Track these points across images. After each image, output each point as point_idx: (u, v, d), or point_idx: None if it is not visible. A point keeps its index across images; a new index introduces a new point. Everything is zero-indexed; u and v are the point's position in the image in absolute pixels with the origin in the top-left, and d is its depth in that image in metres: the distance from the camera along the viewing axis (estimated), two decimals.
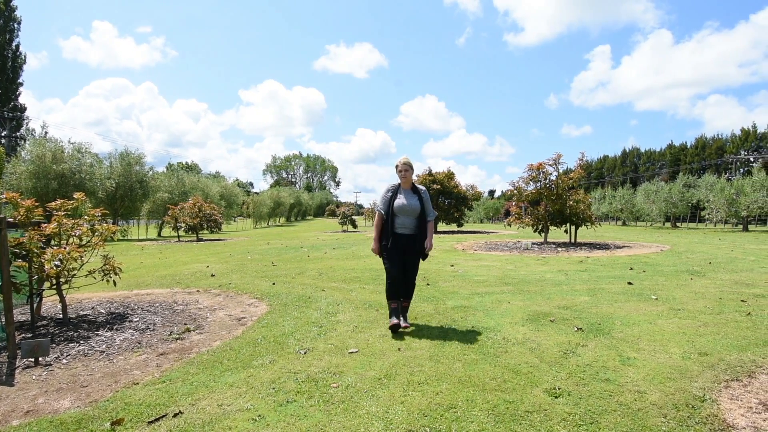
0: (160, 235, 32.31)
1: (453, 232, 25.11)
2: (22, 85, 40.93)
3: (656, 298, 5.72)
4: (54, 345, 4.12)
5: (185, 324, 4.84)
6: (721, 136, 62.14)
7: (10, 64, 39.78)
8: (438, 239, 17.91)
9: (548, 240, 15.06)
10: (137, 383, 3.23)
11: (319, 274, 8.32)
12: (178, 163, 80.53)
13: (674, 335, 4.12)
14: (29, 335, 4.40)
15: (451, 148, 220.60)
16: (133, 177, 27.37)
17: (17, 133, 39.64)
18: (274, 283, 7.34)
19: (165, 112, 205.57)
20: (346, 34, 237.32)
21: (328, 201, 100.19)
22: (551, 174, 14.41)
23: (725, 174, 41.44)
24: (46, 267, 4.56)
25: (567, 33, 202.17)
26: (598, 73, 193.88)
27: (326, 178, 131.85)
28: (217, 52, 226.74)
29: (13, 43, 40.01)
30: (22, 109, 40.85)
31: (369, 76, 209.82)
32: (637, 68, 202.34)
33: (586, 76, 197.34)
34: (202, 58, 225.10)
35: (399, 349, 3.84)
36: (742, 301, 5.49)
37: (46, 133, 34.19)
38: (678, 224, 40.67)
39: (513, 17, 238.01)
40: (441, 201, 25.33)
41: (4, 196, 4.75)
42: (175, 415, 2.71)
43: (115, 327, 4.74)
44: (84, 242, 5.15)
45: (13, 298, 3.95)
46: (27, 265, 4.44)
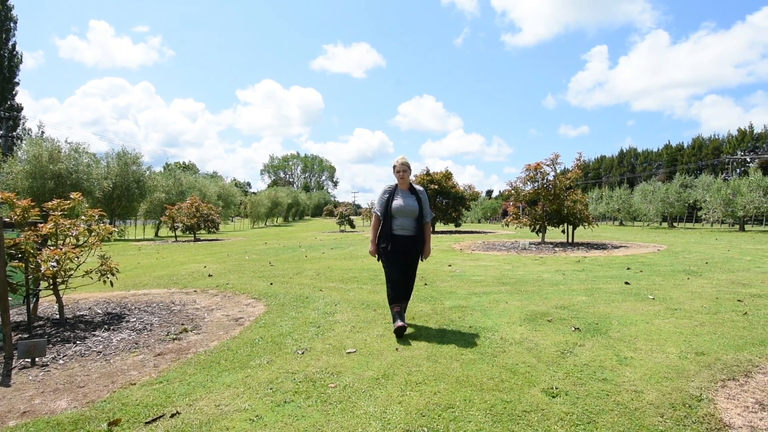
0: (157, 235, 32.28)
1: (451, 232, 25.13)
2: (18, 84, 40.87)
3: (653, 298, 5.74)
4: (51, 345, 4.10)
5: (182, 324, 4.83)
6: (717, 137, 62.48)
7: (6, 64, 39.66)
8: (436, 239, 17.92)
9: (546, 240, 15.08)
10: (134, 384, 3.23)
11: (317, 274, 8.31)
12: (176, 163, 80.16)
13: (671, 335, 4.13)
14: (26, 336, 4.38)
15: (449, 148, 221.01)
16: (130, 177, 27.35)
17: (14, 133, 39.55)
18: (272, 284, 7.33)
19: (162, 111, 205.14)
20: (343, 34, 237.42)
21: (326, 201, 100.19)
22: (549, 174, 14.44)
23: (722, 174, 41.66)
24: (43, 267, 4.55)
25: (564, 33, 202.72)
26: (596, 74, 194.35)
27: (324, 178, 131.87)
28: (215, 52, 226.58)
29: (10, 43, 39.88)
30: (19, 109, 40.72)
31: (367, 76, 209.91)
32: (634, 69, 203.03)
33: (583, 77, 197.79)
34: (200, 58, 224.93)
35: (397, 349, 3.84)
36: (739, 301, 5.51)
37: (43, 132, 34.00)
38: (675, 224, 40.79)
39: (510, 17, 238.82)
40: (439, 201, 25.35)
41: (0, 196, 4.73)
42: (173, 416, 2.70)
43: (112, 327, 4.73)
44: (81, 242, 5.14)
45: (9, 298, 3.94)
46: (23, 266, 4.42)
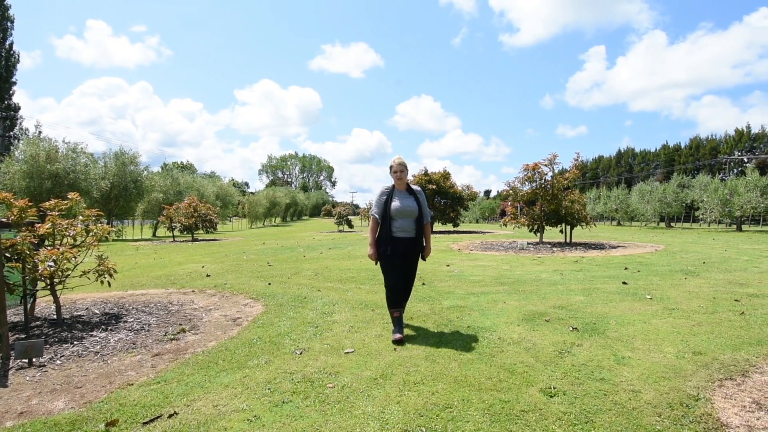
0: (155, 235, 32.21)
1: (449, 232, 25.14)
2: (15, 84, 40.64)
3: (651, 298, 5.75)
4: (48, 346, 4.09)
5: (180, 324, 4.82)
6: (715, 137, 62.65)
7: (3, 63, 39.44)
8: (434, 239, 17.93)
9: (544, 240, 15.10)
10: (132, 384, 3.22)
11: (315, 275, 8.31)
12: (173, 162, 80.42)
13: (668, 334, 4.14)
14: (23, 336, 4.37)
15: (447, 148, 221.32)
16: (128, 177, 27.28)
17: (11, 133, 39.40)
18: (270, 284, 7.32)
19: (160, 111, 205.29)
20: (341, 33, 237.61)
21: (324, 201, 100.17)
22: (547, 174, 14.46)
23: (719, 174, 41.75)
24: (40, 267, 4.53)
25: (562, 33, 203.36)
26: (593, 74, 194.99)
27: (322, 178, 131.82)
28: (213, 52, 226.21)
29: (7, 42, 39.67)
30: (16, 109, 40.55)
31: (365, 75, 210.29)
32: (632, 69, 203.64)
33: (581, 77, 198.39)
34: (197, 58, 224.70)
35: (395, 349, 3.84)
36: (736, 301, 5.52)
37: (40, 132, 33.74)
38: (672, 224, 40.89)
39: (508, 18, 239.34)
40: (437, 201, 25.36)
41: None
42: (170, 416, 2.70)
43: (109, 328, 4.71)
44: (78, 242, 5.12)
45: (6, 298, 3.92)
46: (20, 266, 4.41)
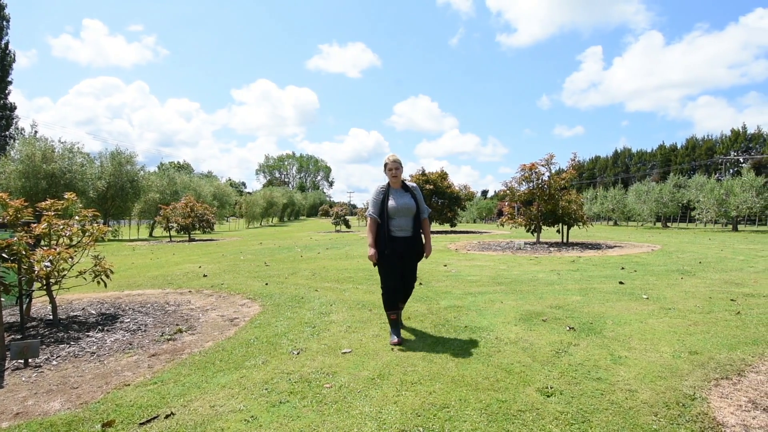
0: (151, 235, 32.11)
1: (446, 232, 25.16)
2: (11, 83, 40.42)
3: (647, 298, 5.77)
4: (44, 346, 4.07)
5: (177, 325, 4.81)
6: (711, 137, 62.84)
7: None
8: (431, 239, 17.91)
9: (541, 240, 15.14)
10: (128, 384, 3.21)
11: (312, 275, 8.30)
12: (170, 162, 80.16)
13: (665, 334, 4.15)
14: (19, 336, 4.35)
15: (444, 148, 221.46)
16: (124, 177, 27.18)
17: (6, 132, 39.21)
18: (267, 284, 7.31)
19: (156, 111, 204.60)
20: (338, 33, 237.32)
21: (322, 201, 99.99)
22: (544, 174, 14.50)
23: (715, 174, 41.86)
24: (36, 268, 4.51)
25: (559, 34, 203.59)
26: (590, 74, 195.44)
27: (319, 178, 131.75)
28: (210, 51, 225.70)
29: (3, 41, 39.44)
30: (12, 108, 40.35)
31: (362, 75, 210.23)
32: (629, 69, 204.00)
33: (578, 77, 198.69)
34: (194, 57, 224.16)
35: (392, 349, 3.84)
36: (732, 300, 5.55)
37: (36, 132, 33.70)
38: (668, 224, 41.05)
39: (505, 18, 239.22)
40: (434, 201, 25.39)
41: None
42: (167, 417, 2.69)
43: (106, 328, 4.70)
44: (74, 243, 5.10)
45: (2, 298, 3.90)
46: (16, 266, 4.38)
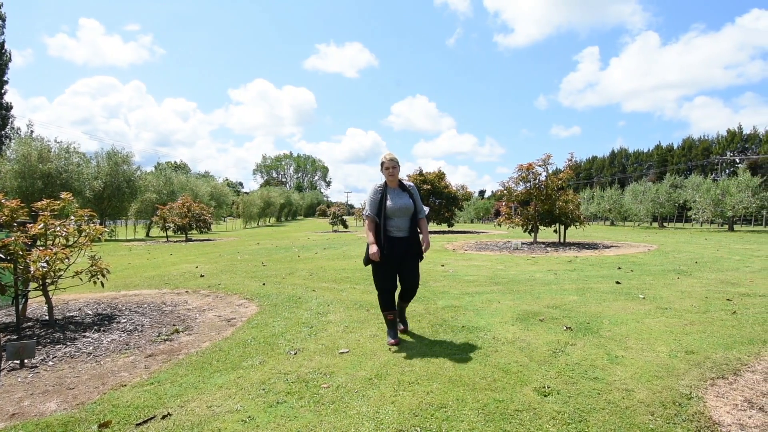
0: (148, 235, 32.01)
1: (444, 232, 25.18)
2: (7, 83, 40.16)
3: (644, 297, 5.78)
4: (40, 347, 4.05)
5: (174, 325, 4.80)
6: (707, 138, 63.01)
7: None
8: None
9: (538, 240, 15.17)
10: (125, 385, 3.20)
11: (310, 275, 8.29)
12: (167, 162, 79.71)
13: (661, 334, 4.17)
14: (14, 337, 4.33)
15: (442, 148, 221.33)
16: (121, 176, 27.10)
17: (2, 132, 38.97)
18: (264, 284, 7.30)
19: (153, 110, 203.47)
20: (336, 33, 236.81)
21: (319, 201, 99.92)
22: (541, 174, 14.53)
23: (711, 174, 42.11)
24: (32, 268, 4.49)
25: (556, 34, 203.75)
26: (587, 74, 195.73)
27: (317, 178, 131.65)
28: (207, 51, 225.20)
29: None
30: (8, 108, 40.12)
31: (359, 75, 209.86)
32: (625, 70, 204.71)
33: (574, 77, 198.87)
34: (191, 57, 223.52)
35: (389, 349, 3.84)
36: (728, 300, 5.57)
37: (32, 131, 33.41)
38: (665, 224, 41.19)
39: (503, 18, 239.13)
40: (432, 201, 25.39)
41: None
42: (164, 417, 2.68)
43: (102, 328, 4.68)
44: (71, 243, 5.08)
45: None
46: (12, 267, 4.37)
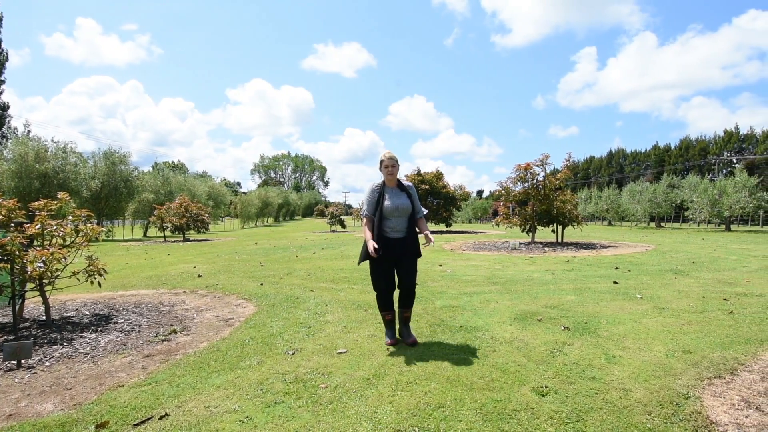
0: (145, 235, 31.96)
1: (442, 232, 25.19)
2: (4, 82, 39.93)
3: (641, 297, 5.80)
4: (37, 347, 4.04)
5: (171, 325, 4.79)
6: (704, 138, 63.15)
7: None
8: None
9: (535, 240, 15.19)
10: (122, 385, 3.19)
11: (308, 275, 8.29)
12: (165, 162, 79.64)
13: (659, 333, 4.18)
14: (11, 337, 4.31)
15: (440, 148, 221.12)
16: (118, 176, 27.05)
17: None
18: (262, 284, 7.29)
19: (151, 110, 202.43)
20: (334, 33, 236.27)
21: (317, 201, 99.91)
22: (538, 174, 14.55)
23: (708, 175, 42.22)
24: (29, 268, 4.47)
25: (554, 34, 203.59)
26: (585, 75, 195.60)
27: (315, 178, 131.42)
28: (204, 51, 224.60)
29: None
30: (5, 107, 39.94)
31: (357, 75, 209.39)
32: (623, 70, 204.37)
33: (572, 78, 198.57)
34: (189, 57, 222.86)
35: (387, 349, 3.84)
36: (725, 300, 5.59)
37: (29, 131, 33.32)
38: (662, 224, 41.29)
39: (500, 18, 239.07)
40: (430, 201, 25.42)
41: None
42: (161, 418, 2.68)
43: (99, 329, 4.67)
44: (68, 243, 5.07)
45: None
46: (9, 267, 4.35)
